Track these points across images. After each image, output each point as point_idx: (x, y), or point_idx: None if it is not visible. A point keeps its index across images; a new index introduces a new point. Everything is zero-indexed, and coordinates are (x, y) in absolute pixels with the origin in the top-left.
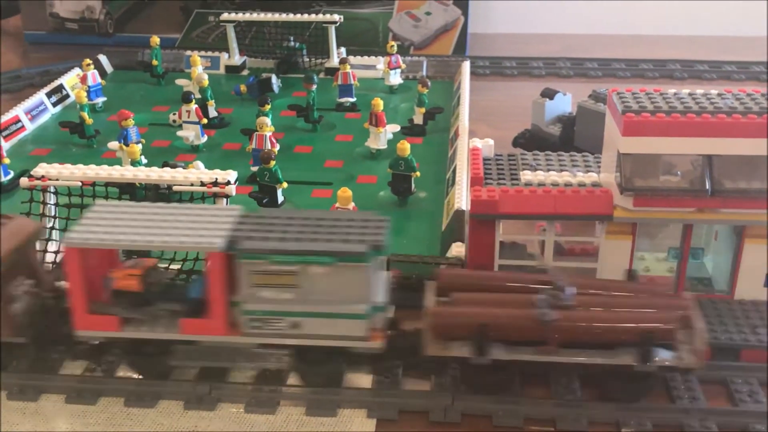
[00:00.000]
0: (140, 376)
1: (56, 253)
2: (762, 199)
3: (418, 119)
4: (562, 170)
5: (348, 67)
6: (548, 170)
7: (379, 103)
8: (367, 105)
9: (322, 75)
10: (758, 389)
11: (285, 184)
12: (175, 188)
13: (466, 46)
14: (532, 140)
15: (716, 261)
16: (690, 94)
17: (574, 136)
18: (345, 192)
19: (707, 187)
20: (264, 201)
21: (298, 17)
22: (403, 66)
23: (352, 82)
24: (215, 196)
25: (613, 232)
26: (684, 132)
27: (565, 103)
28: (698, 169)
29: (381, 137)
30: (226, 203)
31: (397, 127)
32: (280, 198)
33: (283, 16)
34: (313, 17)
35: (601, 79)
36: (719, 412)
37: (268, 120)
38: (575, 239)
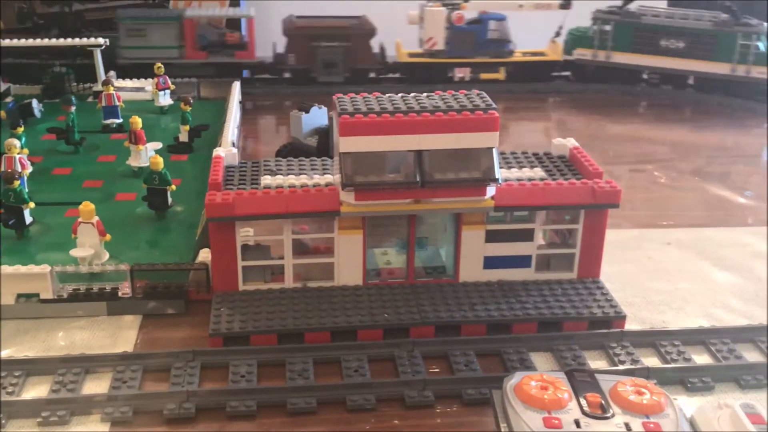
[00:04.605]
0: None
1: None
2: (471, 188)
3: (183, 137)
4: (301, 173)
5: (111, 88)
6: (288, 174)
7: (137, 121)
8: None
9: (90, 98)
10: (474, 359)
11: (32, 204)
12: None
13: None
14: (293, 152)
15: (447, 250)
16: (402, 97)
17: (329, 147)
18: (87, 206)
19: (418, 179)
20: (10, 222)
21: (61, 42)
22: (172, 87)
23: (117, 103)
24: None
25: (344, 227)
26: (394, 130)
27: (321, 115)
28: (412, 163)
29: (142, 155)
30: None
31: (158, 145)
32: (29, 219)
33: (45, 41)
34: (77, 41)
35: None
36: (436, 381)
37: (16, 141)
38: (318, 236)
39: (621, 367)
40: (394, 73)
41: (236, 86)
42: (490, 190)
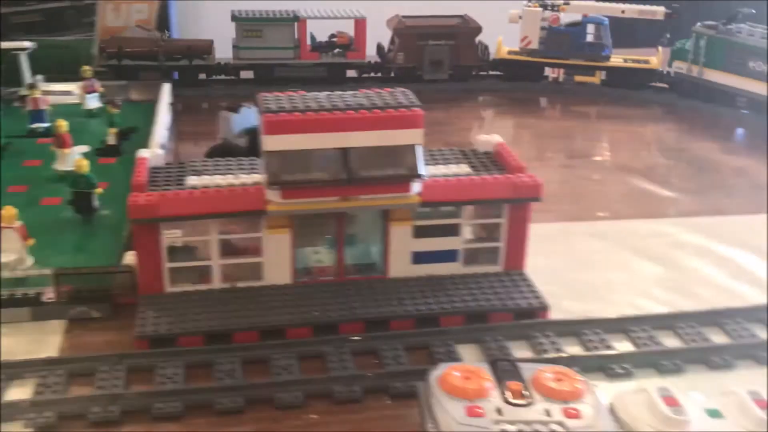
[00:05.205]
0: None
1: None
2: (396, 184)
3: (111, 140)
4: (228, 173)
5: (37, 92)
6: (215, 174)
7: (62, 125)
8: None
9: (17, 103)
10: (402, 353)
11: None
12: None
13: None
14: (223, 153)
15: (378, 247)
16: (328, 95)
17: (259, 146)
18: (8, 210)
19: (344, 176)
20: None
21: None
22: (101, 89)
23: (44, 107)
24: None
25: (271, 227)
26: (318, 128)
27: (251, 115)
28: (338, 160)
29: (68, 158)
30: None
31: (84, 148)
32: None
33: None
34: (1, 44)
35: None
36: (364, 377)
37: None
38: (245, 236)
39: (545, 356)
40: (495, 71)
41: (166, 88)
42: (416, 186)
